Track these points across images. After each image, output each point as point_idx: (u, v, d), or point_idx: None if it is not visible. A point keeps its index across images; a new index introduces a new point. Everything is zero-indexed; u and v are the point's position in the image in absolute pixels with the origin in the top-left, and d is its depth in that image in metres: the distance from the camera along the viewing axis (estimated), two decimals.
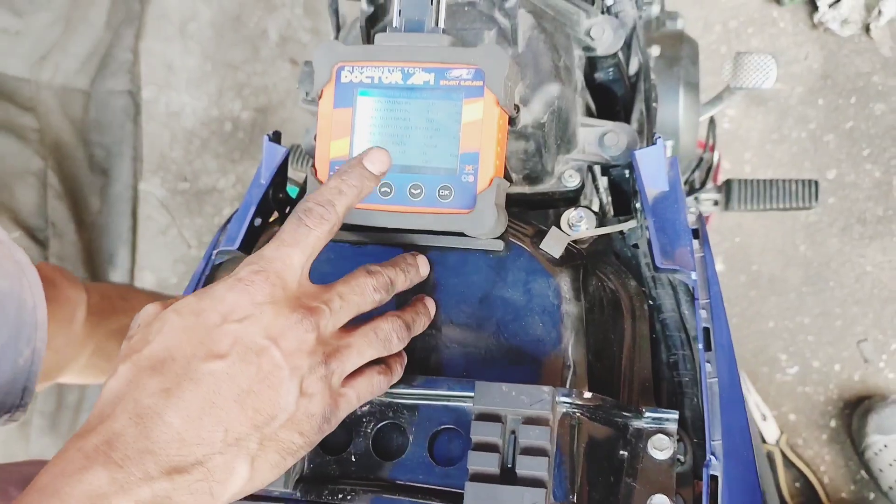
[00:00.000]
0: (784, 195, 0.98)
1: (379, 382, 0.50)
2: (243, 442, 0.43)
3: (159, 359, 0.44)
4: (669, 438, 0.51)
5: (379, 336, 0.49)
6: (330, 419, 0.47)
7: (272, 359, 0.44)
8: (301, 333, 0.45)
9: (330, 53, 0.55)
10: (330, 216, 0.48)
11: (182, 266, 1.65)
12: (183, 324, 0.45)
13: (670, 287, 0.61)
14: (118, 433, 0.40)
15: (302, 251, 0.47)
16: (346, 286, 0.49)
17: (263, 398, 0.43)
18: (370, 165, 0.50)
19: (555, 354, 0.54)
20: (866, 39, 1.42)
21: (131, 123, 1.69)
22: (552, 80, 0.59)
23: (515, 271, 0.56)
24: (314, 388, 0.45)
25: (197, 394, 0.42)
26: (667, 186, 0.62)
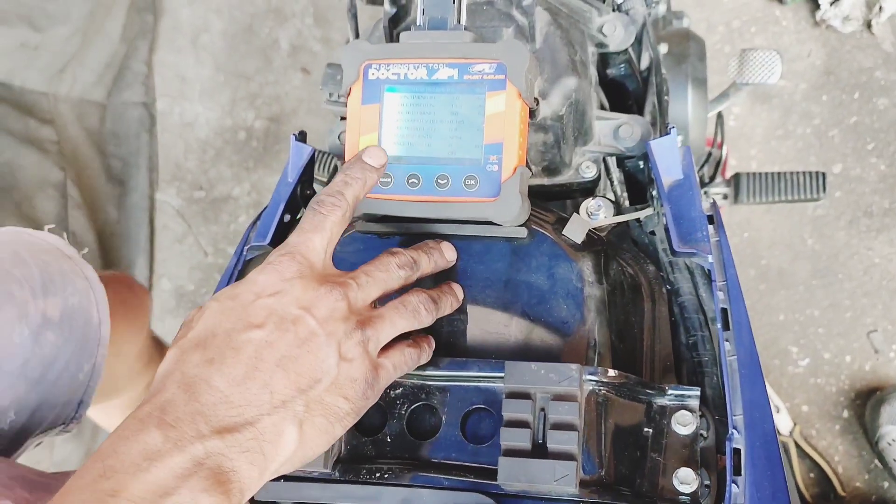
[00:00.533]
0: (792, 187, 1.00)
1: (411, 355, 0.52)
2: (290, 404, 0.45)
3: (202, 337, 0.46)
4: (692, 414, 0.53)
5: (407, 307, 0.52)
6: (373, 385, 0.49)
7: (307, 325, 0.47)
8: (332, 302, 0.48)
9: (357, 52, 0.57)
10: (341, 202, 0.51)
11: (199, 273, 1.67)
12: (221, 307, 0.48)
13: (687, 271, 0.63)
14: (169, 400, 0.43)
15: (321, 234, 0.50)
16: (370, 265, 0.52)
17: (304, 362, 0.46)
18: (368, 159, 0.54)
19: (579, 335, 0.56)
20: (868, 35, 1.44)
21: (147, 134, 1.72)
22: (569, 74, 0.61)
23: (539, 257, 0.58)
24: (353, 352, 0.48)
25: (239, 360, 0.45)
26: (681, 174, 0.64)
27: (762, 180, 1.02)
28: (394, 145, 0.57)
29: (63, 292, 0.75)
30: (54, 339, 0.74)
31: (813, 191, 1.01)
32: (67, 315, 0.75)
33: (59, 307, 0.74)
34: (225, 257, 1.66)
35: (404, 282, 0.53)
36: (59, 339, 0.74)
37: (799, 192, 1.01)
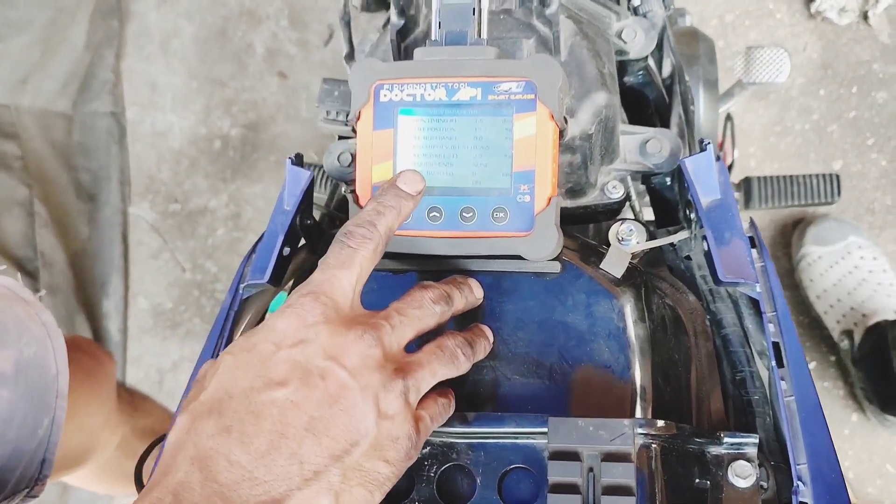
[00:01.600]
0: (805, 191, 0.96)
1: (444, 406, 0.47)
2: (323, 475, 0.39)
3: (215, 400, 0.40)
4: (751, 464, 0.48)
5: (445, 353, 0.46)
6: (416, 444, 0.43)
7: (338, 379, 0.40)
8: (364, 349, 0.42)
9: (367, 72, 0.51)
10: (373, 235, 0.45)
11: (176, 290, 1.60)
12: (236, 362, 0.42)
13: (730, 300, 0.59)
14: (182, 482, 0.37)
15: (349, 271, 0.44)
16: (402, 302, 0.46)
17: (338, 424, 0.40)
18: (404, 186, 0.48)
19: (623, 381, 0.51)
20: (865, 27, 1.40)
21: (116, 146, 1.63)
22: (598, 89, 0.56)
23: (575, 294, 0.52)
24: (393, 406, 0.42)
25: (261, 427, 0.39)
26: (719, 194, 0.59)
27: (774, 184, 0.98)
28: None
29: (18, 343, 0.68)
30: (8, 395, 0.67)
31: (827, 194, 0.97)
32: (23, 368, 0.68)
33: (12, 359, 0.67)
34: (203, 273, 1.59)
35: (439, 320, 0.47)
36: (14, 394, 0.67)
37: (812, 196, 0.97)
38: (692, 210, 0.59)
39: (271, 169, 1.60)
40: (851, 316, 1.23)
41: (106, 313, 1.58)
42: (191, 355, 1.57)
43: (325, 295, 0.43)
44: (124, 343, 1.58)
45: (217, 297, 1.56)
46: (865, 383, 1.22)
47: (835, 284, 1.25)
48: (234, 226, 1.59)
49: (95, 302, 1.57)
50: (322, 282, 0.43)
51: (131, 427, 1.01)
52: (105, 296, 1.58)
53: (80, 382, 0.77)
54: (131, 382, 1.57)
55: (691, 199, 0.58)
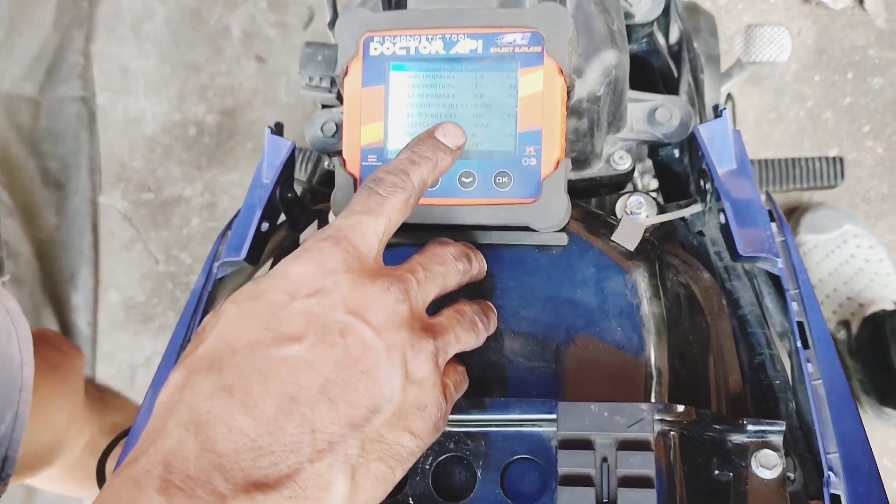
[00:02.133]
0: (808, 174, 0.93)
1: (464, 377, 0.42)
2: (339, 446, 0.33)
3: (215, 354, 0.35)
4: (777, 454, 0.44)
5: (465, 318, 0.41)
6: (445, 413, 0.38)
7: (361, 336, 0.35)
8: (391, 303, 0.36)
9: (355, 22, 0.46)
10: (405, 185, 0.40)
11: (149, 283, 1.53)
12: (241, 311, 0.36)
13: (746, 277, 0.54)
14: (174, 450, 0.31)
15: (377, 220, 0.38)
16: (424, 256, 0.41)
17: (358, 388, 0.34)
18: (443, 138, 0.42)
19: (637, 362, 0.46)
20: (860, 12, 1.37)
21: (86, 132, 1.57)
22: (608, 47, 0.51)
23: (584, 268, 0.48)
24: (423, 369, 0.36)
25: (269, 388, 0.33)
26: (735, 164, 0.55)
27: (776, 167, 0.94)
28: (404, 136, 0.46)
29: None
30: None
31: (830, 177, 0.93)
32: None
33: None
34: (177, 264, 1.53)
35: (460, 280, 0.43)
36: None
37: (816, 180, 0.93)
38: (706, 181, 0.54)
39: (248, 156, 1.54)
40: (848, 306, 1.20)
41: (75, 307, 1.51)
42: (164, 350, 1.50)
43: (347, 241, 0.37)
44: (94, 338, 1.52)
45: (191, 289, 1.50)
46: (863, 375, 1.19)
47: (831, 274, 1.21)
48: (210, 215, 1.53)
49: (63, 295, 1.51)
50: (345, 227, 0.38)
51: (100, 425, 0.95)
52: (74, 288, 1.51)
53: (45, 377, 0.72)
54: (102, 379, 1.51)
55: (706, 169, 0.53)
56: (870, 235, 1.25)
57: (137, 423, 0.51)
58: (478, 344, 0.43)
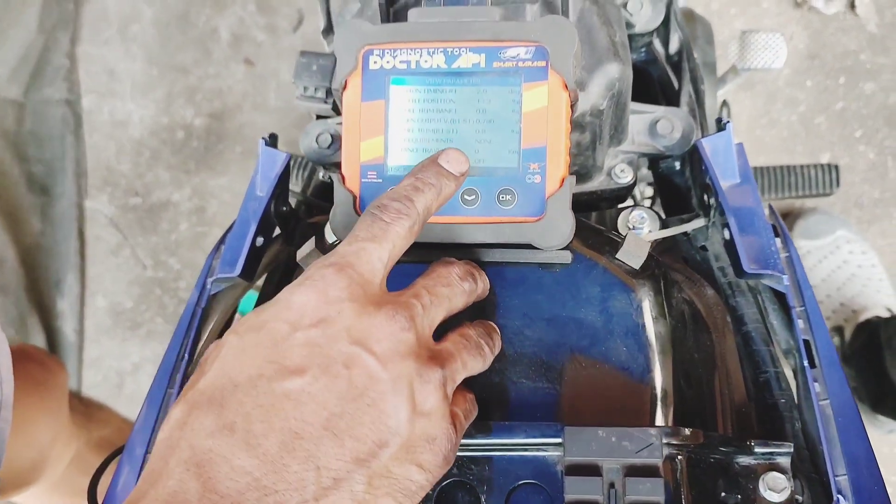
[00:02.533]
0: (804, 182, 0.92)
1: (473, 406, 0.41)
2: (345, 484, 0.32)
3: (216, 388, 0.34)
4: (785, 476, 0.43)
5: (471, 343, 0.40)
6: (455, 445, 0.37)
7: (366, 367, 0.34)
8: (397, 332, 0.35)
9: (354, 35, 0.45)
10: (410, 211, 0.39)
11: (137, 288, 1.51)
12: (242, 343, 0.35)
13: (751, 294, 0.53)
14: (175, 492, 0.31)
15: (381, 246, 0.38)
16: (429, 278, 0.40)
17: (364, 421, 0.33)
18: (446, 164, 0.41)
19: (643, 384, 0.45)
20: (852, 17, 1.37)
21: (72, 136, 1.54)
22: (611, 60, 0.50)
23: (588, 287, 0.47)
24: (431, 400, 0.35)
25: (272, 424, 0.32)
26: (738, 178, 0.54)
27: (771, 175, 0.93)
28: (404, 153, 0.45)
29: None
30: None
31: (826, 185, 0.93)
32: None
33: None
34: (166, 270, 1.51)
35: (466, 300, 0.42)
36: None
37: (811, 187, 0.93)
38: (709, 195, 0.54)
39: (237, 160, 1.52)
40: (841, 312, 1.20)
41: (61, 313, 1.49)
42: (153, 357, 1.48)
43: (351, 268, 0.36)
44: (80, 344, 1.49)
45: (180, 295, 1.48)
46: (856, 382, 1.19)
47: (824, 280, 1.21)
48: (199, 220, 1.51)
49: (49, 301, 1.48)
50: (349, 253, 0.37)
51: (86, 440, 0.93)
52: (60, 295, 1.49)
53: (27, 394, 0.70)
54: (89, 386, 1.49)
55: (710, 184, 0.53)
56: (862, 241, 1.25)
57: (132, 441, 0.50)
58: (484, 368, 0.42)
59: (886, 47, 1.35)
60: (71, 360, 1.46)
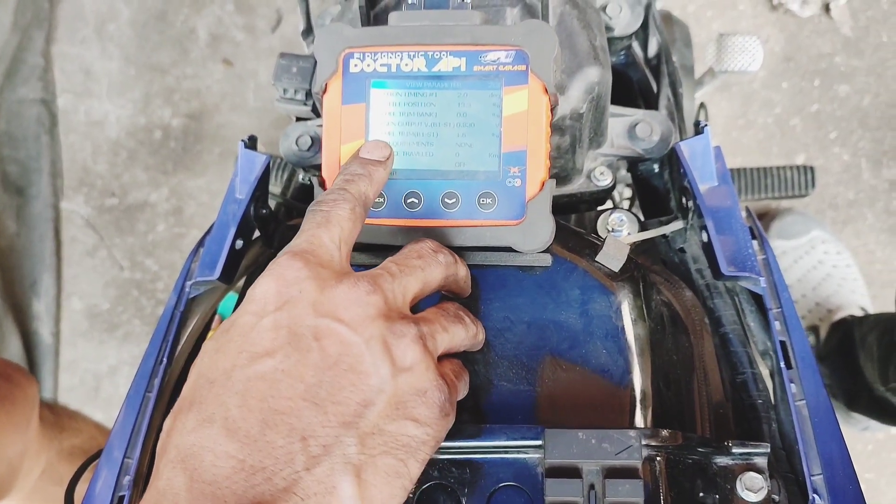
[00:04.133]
0: (780, 183, 0.93)
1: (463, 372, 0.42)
2: (335, 448, 0.32)
3: (195, 389, 0.34)
4: (762, 476, 0.43)
5: (449, 312, 0.40)
6: (451, 398, 0.37)
7: (336, 335, 0.34)
8: (361, 296, 0.35)
9: (335, 38, 0.45)
10: (345, 196, 0.40)
11: (114, 290, 1.50)
12: (216, 345, 0.35)
13: (728, 295, 0.54)
14: (164, 490, 0.31)
15: (328, 229, 0.38)
16: (399, 254, 0.41)
17: (343, 385, 0.33)
18: (367, 154, 0.43)
19: (622, 386, 0.46)
20: (826, 20, 1.39)
21: (47, 136, 1.52)
22: (591, 63, 0.51)
23: (568, 290, 0.47)
24: (410, 354, 0.35)
25: (249, 406, 0.32)
26: (716, 181, 0.54)
27: (748, 177, 0.94)
28: None
29: None
30: None
31: (802, 186, 0.94)
32: None
33: None
34: (143, 271, 1.49)
35: (445, 272, 0.41)
36: None
37: (787, 189, 0.94)
38: (688, 198, 0.54)
39: (215, 161, 1.51)
40: (816, 312, 1.21)
41: (36, 315, 1.47)
42: (130, 359, 1.47)
43: (305, 252, 0.37)
44: (56, 347, 1.48)
45: (158, 296, 1.46)
46: (831, 380, 1.20)
47: (799, 280, 1.23)
48: (176, 221, 1.50)
49: (24, 303, 1.46)
50: (300, 242, 0.38)
51: (57, 450, 0.92)
52: (35, 296, 1.47)
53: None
54: (65, 389, 1.47)
55: (688, 187, 0.53)
56: (837, 241, 1.26)
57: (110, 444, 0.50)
58: (469, 340, 0.42)
59: (860, 50, 1.37)
60: (47, 362, 1.45)
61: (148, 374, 0.52)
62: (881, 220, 1.33)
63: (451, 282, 0.43)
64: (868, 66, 1.37)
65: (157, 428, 0.51)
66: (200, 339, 0.57)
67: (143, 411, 0.50)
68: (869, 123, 1.35)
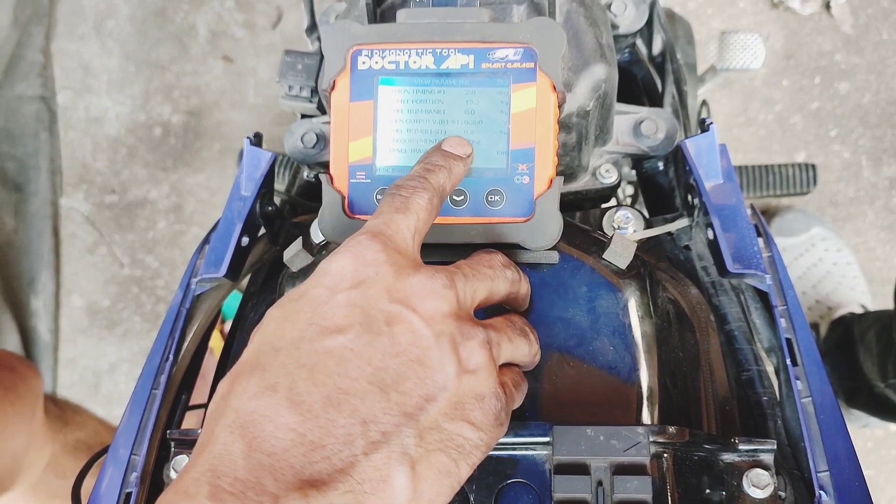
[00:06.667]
0: (782, 181, 0.94)
1: (522, 381, 0.41)
2: (394, 438, 0.32)
3: (259, 355, 0.34)
4: (768, 473, 0.44)
5: (516, 325, 0.40)
6: (506, 406, 0.37)
7: (409, 324, 0.34)
8: (438, 289, 0.35)
9: (343, 35, 0.45)
10: (426, 185, 0.39)
11: (114, 287, 1.50)
12: (283, 313, 0.35)
13: (734, 292, 0.54)
14: (221, 455, 0.30)
15: (406, 216, 0.38)
16: (471, 258, 0.41)
17: (409, 376, 0.33)
18: (450, 148, 0.42)
19: (629, 383, 0.46)
20: (827, 17, 1.39)
21: (46, 132, 1.52)
22: (597, 61, 0.51)
23: (575, 287, 0.47)
24: (476, 357, 0.35)
25: (315, 381, 0.32)
26: (721, 178, 0.54)
27: (750, 175, 0.94)
28: (393, 153, 0.45)
29: None
30: None
31: (803, 184, 0.94)
32: None
33: None
34: (143, 268, 1.49)
35: (510, 289, 0.42)
36: None
37: (789, 186, 0.94)
38: (693, 196, 0.54)
39: (216, 158, 1.51)
40: (817, 309, 1.22)
41: (35, 312, 1.47)
42: (130, 356, 1.47)
43: (383, 235, 0.37)
44: (55, 344, 1.47)
45: (158, 293, 1.46)
46: (830, 377, 1.20)
47: (800, 277, 1.23)
48: (176, 218, 1.50)
49: (23, 300, 1.46)
50: (378, 224, 0.37)
51: (62, 443, 0.92)
52: (34, 293, 1.47)
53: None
54: (65, 386, 1.47)
55: (694, 184, 0.53)
56: (837, 239, 1.26)
57: (116, 442, 0.49)
58: (530, 356, 0.42)
59: (860, 48, 1.38)
60: (46, 359, 1.45)
61: (154, 371, 0.52)
62: (881, 217, 1.33)
63: (512, 297, 0.43)
64: (868, 64, 1.37)
65: (164, 425, 0.51)
66: (206, 337, 0.57)
67: (150, 408, 0.50)
68: (869, 121, 1.35)
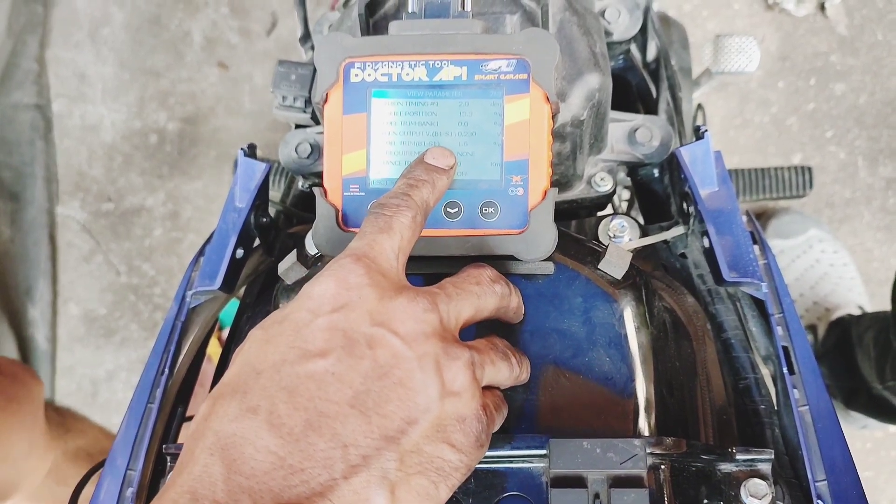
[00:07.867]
0: (778, 184, 0.94)
1: (502, 402, 0.41)
2: (374, 461, 0.32)
3: (240, 377, 0.34)
4: (766, 482, 0.43)
5: (497, 348, 0.40)
6: (487, 428, 0.37)
7: (390, 347, 0.34)
8: (419, 312, 0.35)
9: (335, 47, 0.45)
10: (409, 203, 0.39)
11: (110, 295, 1.49)
12: (265, 335, 0.35)
13: (730, 300, 0.54)
14: (200, 477, 0.31)
15: (390, 236, 0.38)
16: (457, 276, 0.40)
17: (391, 398, 0.33)
18: (432, 160, 0.42)
19: (625, 394, 0.46)
20: (822, 19, 1.39)
21: (42, 141, 1.52)
22: (591, 70, 0.50)
23: (571, 297, 0.47)
24: (459, 379, 0.35)
25: (295, 404, 0.32)
26: (716, 186, 0.54)
27: (746, 177, 0.94)
28: (387, 166, 0.45)
29: None
30: None
31: (800, 187, 0.94)
32: None
33: None
34: (140, 276, 1.49)
35: (499, 304, 0.41)
36: None
37: (786, 189, 0.94)
38: (689, 204, 0.54)
39: (211, 165, 1.51)
40: (814, 311, 1.21)
41: (32, 321, 1.46)
42: (127, 364, 1.46)
43: (367, 257, 0.37)
44: (53, 352, 1.47)
45: (155, 301, 1.46)
46: (829, 378, 1.20)
47: (797, 279, 1.23)
48: (173, 225, 1.49)
49: (20, 309, 1.46)
50: (361, 246, 0.37)
51: (63, 451, 0.92)
52: (31, 302, 1.47)
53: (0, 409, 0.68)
54: (62, 394, 1.47)
55: (689, 192, 0.53)
56: (834, 240, 1.26)
57: (113, 453, 0.49)
58: (511, 378, 0.41)
59: (856, 49, 1.38)
60: (43, 368, 1.44)
61: (150, 384, 0.52)
62: (878, 218, 1.33)
63: (503, 312, 0.43)
64: (863, 65, 1.37)
65: (160, 438, 0.51)
66: (202, 349, 0.57)
67: (146, 422, 0.50)
68: (865, 122, 1.35)
